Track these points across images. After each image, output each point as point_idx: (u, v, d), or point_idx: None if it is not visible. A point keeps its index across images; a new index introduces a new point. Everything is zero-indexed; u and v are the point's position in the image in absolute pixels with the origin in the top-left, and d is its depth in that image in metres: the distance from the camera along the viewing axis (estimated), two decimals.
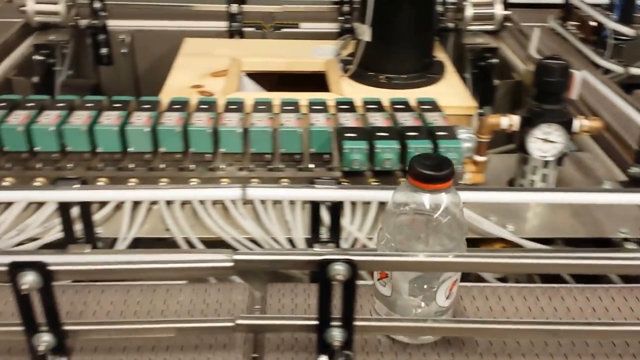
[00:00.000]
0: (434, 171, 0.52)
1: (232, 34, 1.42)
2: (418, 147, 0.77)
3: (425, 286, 0.55)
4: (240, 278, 0.69)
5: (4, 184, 0.80)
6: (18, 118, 0.80)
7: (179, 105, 0.86)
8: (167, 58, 1.40)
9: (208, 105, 0.87)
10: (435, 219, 0.54)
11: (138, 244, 0.76)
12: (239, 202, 0.79)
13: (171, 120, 0.82)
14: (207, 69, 1.21)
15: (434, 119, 0.84)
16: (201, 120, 0.82)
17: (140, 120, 0.81)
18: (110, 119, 0.81)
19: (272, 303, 0.65)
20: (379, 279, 0.58)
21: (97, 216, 0.77)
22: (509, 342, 0.59)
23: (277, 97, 0.91)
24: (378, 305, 0.59)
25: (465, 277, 0.59)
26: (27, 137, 0.79)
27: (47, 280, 0.54)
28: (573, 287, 0.67)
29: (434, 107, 0.88)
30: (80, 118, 0.81)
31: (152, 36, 1.43)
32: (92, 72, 1.44)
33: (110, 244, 0.74)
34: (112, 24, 1.40)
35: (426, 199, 0.53)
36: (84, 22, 1.36)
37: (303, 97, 0.92)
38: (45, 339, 0.56)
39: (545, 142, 0.82)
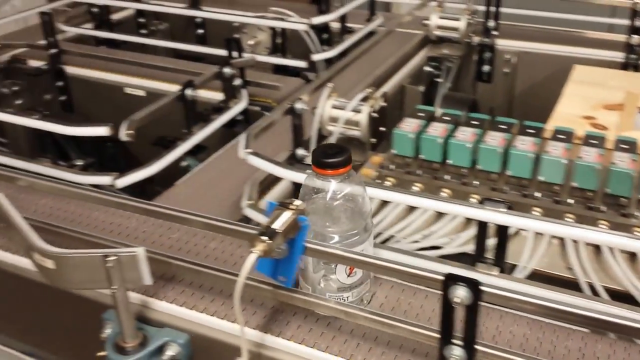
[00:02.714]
0: (330, 159, 0.58)
1: (626, 65, 1.32)
2: None
3: (325, 263, 0.61)
4: None
5: (413, 188, 0.86)
6: (437, 130, 0.85)
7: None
8: (547, 83, 1.36)
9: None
10: (335, 203, 0.60)
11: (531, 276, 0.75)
12: None
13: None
14: (599, 100, 1.14)
15: None
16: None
17: (557, 151, 0.79)
18: (525, 144, 0.81)
19: None
20: None
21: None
22: None
23: None
24: (301, 279, 0.64)
25: None
26: (443, 149, 0.84)
27: (476, 298, 0.56)
28: None
29: None
30: (495, 139, 0.82)
31: (538, 59, 1.40)
32: (469, 88, 1.48)
33: (508, 269, 0.74)
34: (501, 43, 1.41)
35: (324, 184, 0.59)
36: (476, 39, 1.40)
37: None
38: (457, 353, 0.58)
39: None
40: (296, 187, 0.91)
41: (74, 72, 1.33)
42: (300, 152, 0.91)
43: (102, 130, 0.83)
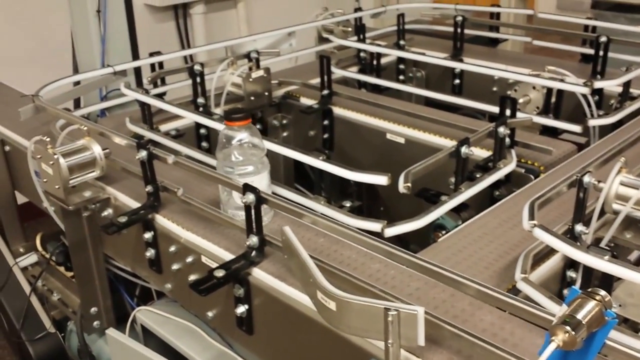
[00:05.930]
0: (237, 114, 0.90)
1: None
2: None
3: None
4: None
5: None
6: None
7: None
8: None
9: None
10: (239, 146, 0.91)
11: None
12: None
13: None
14: None
15: None
16: None
17: None
18: None
19: None
20: None
21: None
22: None
23: None
24: None
25: None
26: None
27: None
28: None
29: None
30: None
31: None
32: None
33: None
34: None
35: (231, 133, 0.91)
36: None
37: None
38: None
39: None
40: (570, 265, 0.84)
41: (339, 113, 1.40)
42: (579, 228, 0.84)
43: (381, 180, 0.85)
